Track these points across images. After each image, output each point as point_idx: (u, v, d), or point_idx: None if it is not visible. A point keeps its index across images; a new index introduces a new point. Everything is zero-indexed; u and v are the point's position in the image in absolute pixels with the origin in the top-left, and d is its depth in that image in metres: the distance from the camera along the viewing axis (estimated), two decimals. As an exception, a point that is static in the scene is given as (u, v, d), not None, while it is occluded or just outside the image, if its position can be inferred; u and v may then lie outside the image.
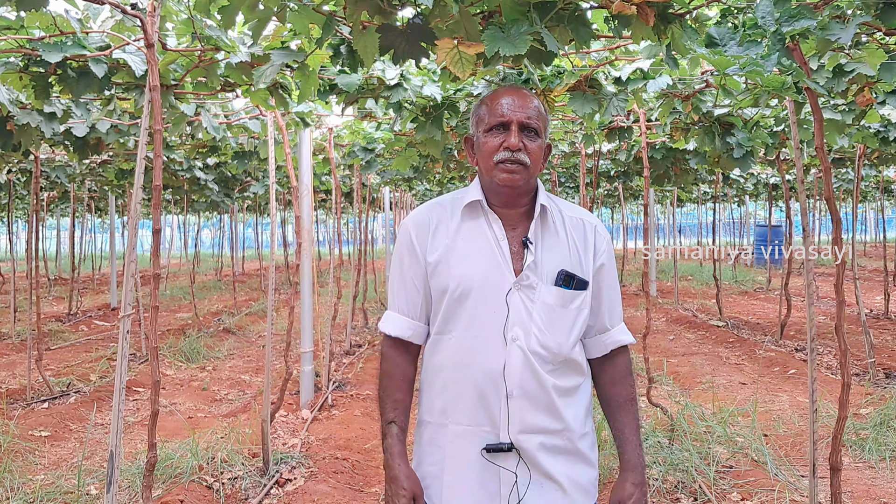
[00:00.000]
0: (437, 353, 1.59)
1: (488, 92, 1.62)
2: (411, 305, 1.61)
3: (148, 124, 2.45)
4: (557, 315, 1.53)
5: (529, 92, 1.60)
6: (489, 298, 1.52)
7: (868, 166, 9.19)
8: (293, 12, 2.05)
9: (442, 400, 1.56)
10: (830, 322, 8.52)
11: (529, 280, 1.52)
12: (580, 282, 1.55)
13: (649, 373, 4.30)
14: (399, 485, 1.53)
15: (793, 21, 2.03)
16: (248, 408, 5.46)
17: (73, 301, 10.76)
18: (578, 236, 1.59)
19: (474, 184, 1.62)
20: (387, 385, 1.61)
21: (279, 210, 14.82)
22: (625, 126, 4.46)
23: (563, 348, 1.53)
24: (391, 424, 1.58)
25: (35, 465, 4.17)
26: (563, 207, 1.63)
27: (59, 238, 20.43)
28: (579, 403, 1.58)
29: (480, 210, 1.58)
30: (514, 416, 1.49)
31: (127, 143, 4.41)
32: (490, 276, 1.52)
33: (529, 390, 1.50)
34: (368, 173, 7.35)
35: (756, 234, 18.74)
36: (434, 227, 1.59)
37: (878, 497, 3.51)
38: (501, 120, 1.53)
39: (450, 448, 1.54)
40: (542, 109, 1.58)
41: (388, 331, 1.61)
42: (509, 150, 1.51)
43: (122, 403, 2.36)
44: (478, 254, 1.55)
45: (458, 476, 1.53)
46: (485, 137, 1.56)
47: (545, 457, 1.51)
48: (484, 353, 1.51)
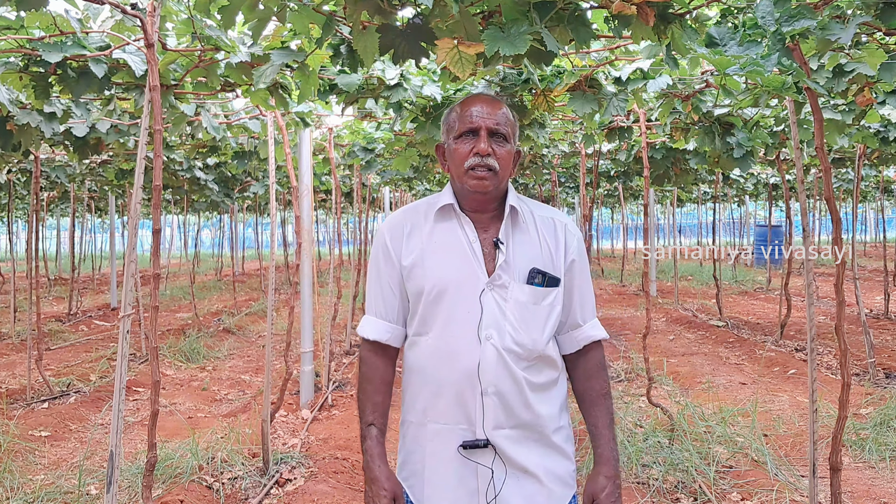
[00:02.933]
0: (415, 354, 1.63)
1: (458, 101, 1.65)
2: (388, 309, 1.65)
3: (148, 124, 2.45)
4: (530, 312, 1.57)
5: (498, 99, 1.65)
6: (463, 299, 1.55)
7: (868, 166, 9.19)
8: (293, 12, 2.05)
9: (422, 399, 1.60)
10: (830, 322, 8.52)
11: (502, 279, 1.56)
12: (552, 279, 1.59)
13: (649, 373, 4.30)
14: (379, 485, 1.56)
15: (793, 21, 2.03)
16: (248, 408, 5.46)
17: (73, 301, 10.76)
18: (549, 235, 1.63)
19: (447, 188, 1.67)
20: (366, 388, 1.64)
21: (279, 210, 14.82)
22: (625, 126, 4.46)
23: (537, 345, 1.57)
24: (370, 427, 1.61)
25: (35, 465, 4.17)
26: (533, 208, 1.67)
27: (59, 238, 20.43)
28: (554, 399, 1.62)
29: (453, 213, 1.63)
30: (489, 412, 1.53)
31: (127, 143, 4.41)
32: (464, 278, 1.56)
33: (504, 387, 1.54)
34: (368, 173, 7.35)
35: (756, 234, 18.73)
36: (409, 231, 1.63)
37: (878, 497, 3.51)
38: (471, 126, 1.57)
39: (430, 446, 1.59)
40: (510, 116, 1.62)
41: (366, 335, 1.65)
42: (479, 156, 1.55)
43: (122, 403, 2.36)
44: (451, 256, 1.59)
45: (438, 473, 1.57)
46: (455, 144, 1.60)
47: (519, 451, 1.55)
48: (459, 353, 1.55)
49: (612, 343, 7.99)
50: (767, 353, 6.82)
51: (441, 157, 1.69)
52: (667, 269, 14.79)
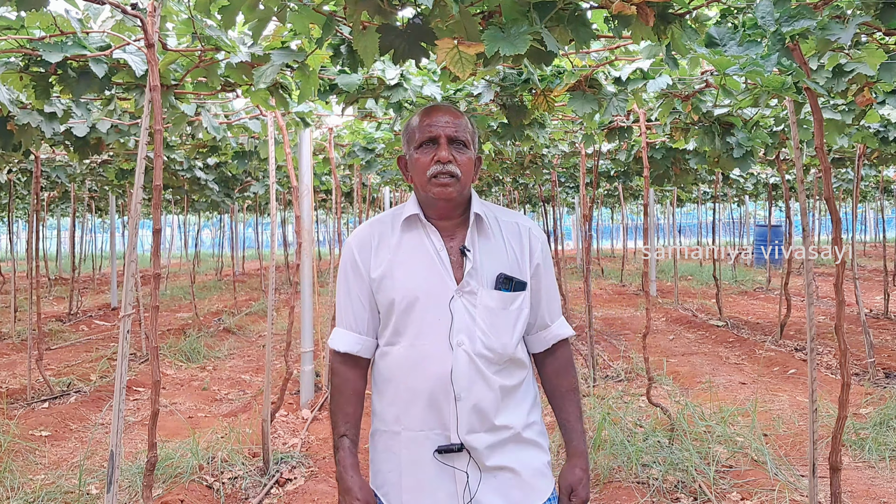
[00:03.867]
0: (386, 364, 1.65)
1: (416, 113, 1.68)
2: (358, 321, 1.67)
3: (148, 124, 2.45)
4: (499, 317, 1.60)
5: (455, 108, 1.68)
6: (433, 307, 1.58)
7: (868, 166, 9.19)
8: (293, 12, 2.05)
9: (394, 408, 1.62)
10: (830, 322, 8.52)
11: (470, 286, 1.59)
12: (518, 283, 1.62)
13: (649, 372, 4.31)
14: (353, 496, 1.58)
15: (793, 21, 2.03)
16: (249, 407, 5.46)
17: (73, 301, 10.76)
18: (514, 240, 1.66)
19: (411, 199, 1.69)
20: (338, 399, 1.67)
21: (279, 210, 14.82)
22: (625, 126, 4.46)
23: (507, 348, 1.60)
24: (343, 438, 1.63)
25: (35, 465, 4.18)
26: (498, 213, 1.70)
27: (60, 238, 20.43)
28: (524, 397, 1.65)
29: (419, 223, 1.64)
30: (462, 417, 1.56)
31: (127, 143, 4.42)
32: (433, 286, 1.59)
33: (477, 391, 1.57)
34: (368, 173, 7.35)
35: (756, 234, 18.73)
36: (376, 244, 1.65)
37: (877, 497, 3.51)
38: (430, 135, 1.59)
39: (405, 454, 1.61)
40: (469, 124, 1.65)
41: (337, 347, 1.67)
42: (440, 164, 1.57)
43: (122, 403, 2.36)
44: (419, 266, 1.61)
45: (416, 479, 1.60)
46: (416, 154, 1.62)
47: (493, 452, 1.58)
48: (432, 360, 1.57)
49: (612, 343, 7.99)
50: (767, 352, 6.82)
51: (403, 168, 1.71)
52: (667, 269, 14.79)
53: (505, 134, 3.89)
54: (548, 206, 10.32)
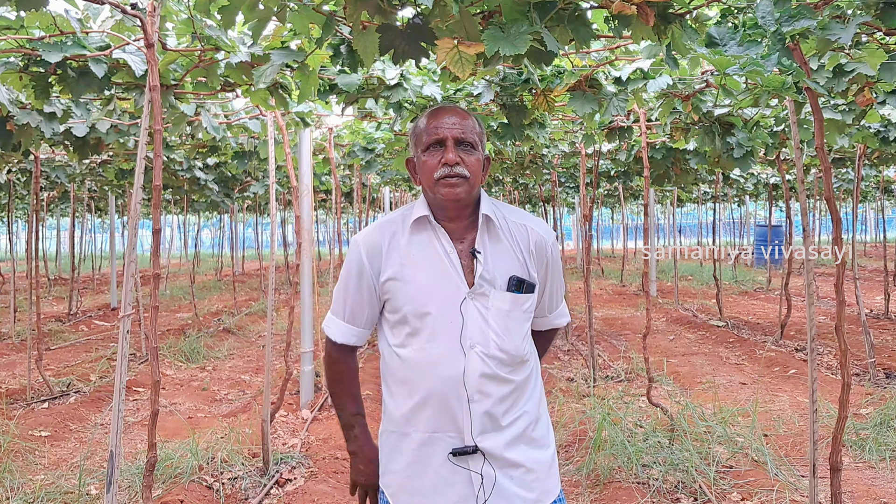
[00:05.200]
0: (398, 365, 1.64)
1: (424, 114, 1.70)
2: (357, 316, 1.70)
3: (148, 124, 2.44)
4: (512, 319, 1.61)
5: (461, 109, 1.67)
6: (445, 310, 1.58)
7: (868, 166, 9.18)
8: (293, 12, 2.05)
9: (404, 410, 1.63)
10: (830, 322, 8.52)
11: (482, 288, 1.60)
12: (529, 285, 1.64)
13: (649, 373, 4.30)
14: (361, 458, 1.71)
15: (793, 21, 2.03)
16: (248, 408, 5.46)
17: (73, 301, 10.76)
18: (523, 241, 1.67)
19: (420, 200, 1.68)
20: (342, 383, 1.74)
21: (279, 210, 14.82)
22: (625, 126, 4.46)
23: (519, 350, 1.62)
24: (356, 416, 1.73)
25: (35, 465, 4.17)
26: (507, 213, 1.70)
27: (59, 238, 20.42)
28: (532, 392, 1.68)
29: (428, 225, 1.64)
30: (476, 419, 1.57)
31: (127, 143, 4.41)
32: (444, 290, 1.59)
33: (489, 393, 1.58)
34: (368, 173, 7.35)
35: (756, 234, 18.73)
36: (387, 248, 1.65)
37: (878, 497, 3.51)
38: (437, 137, 1.59)
39: (415, 456, 1.61)
40: (476, 124, 1.64)
41: (335, 338, 1.71)
42: (448, 166, 1.57)
43: (122, 403, 2.36)
44: (430, 269, 1.61)
45: (427, 482, 1.60)
46: (424, 156, 1.62)
47: (507, 452, 1.60)
48: (444, 363, 1.58)
49: (612, 343, 7.99)
50: (767, 353, 6.82)
51: (412, 170, 1.71)
52: (667, 269, 14.79)
53: (505, 134, 3.89)
54: (548, 206, 10.32)
